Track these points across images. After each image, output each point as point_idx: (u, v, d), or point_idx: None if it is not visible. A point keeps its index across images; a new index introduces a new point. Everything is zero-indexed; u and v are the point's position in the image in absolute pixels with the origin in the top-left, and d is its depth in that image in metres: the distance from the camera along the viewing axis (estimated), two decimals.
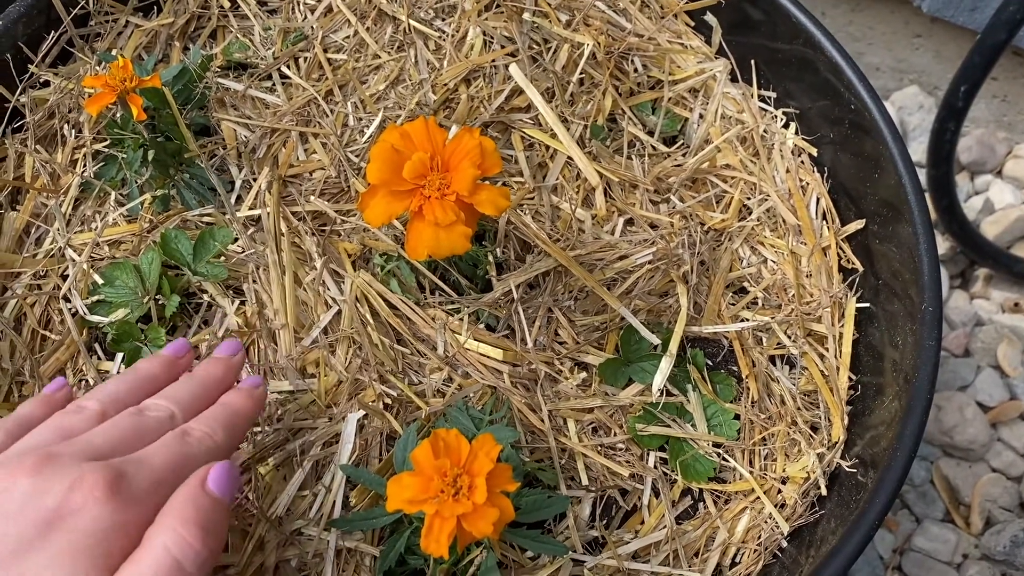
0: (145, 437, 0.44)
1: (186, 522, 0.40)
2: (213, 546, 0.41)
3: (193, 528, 0.40)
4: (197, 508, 0.41)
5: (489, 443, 0.46)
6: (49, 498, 0.39)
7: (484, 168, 0.51)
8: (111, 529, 0.39)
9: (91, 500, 0.39)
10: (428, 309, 0.62)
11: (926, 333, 0.58)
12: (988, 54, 0.93)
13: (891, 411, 0.59)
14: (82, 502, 0.39)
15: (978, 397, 1.05)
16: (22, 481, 0.39)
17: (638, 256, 0.65)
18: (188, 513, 0.41)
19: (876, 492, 0.53)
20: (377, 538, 0.55)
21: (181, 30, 0.75)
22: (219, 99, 0.71)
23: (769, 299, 0.67)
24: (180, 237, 0.63)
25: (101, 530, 0.39)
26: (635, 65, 0.76)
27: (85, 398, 0.47)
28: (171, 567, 0.39)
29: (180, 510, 0.41)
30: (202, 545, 0.40)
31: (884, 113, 0.65)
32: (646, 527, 0.58)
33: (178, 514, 0.40)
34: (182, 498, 0.41)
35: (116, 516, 0.39)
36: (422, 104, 0.70)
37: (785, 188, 0.71)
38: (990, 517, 0.98)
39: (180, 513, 0.40)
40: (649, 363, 0.61)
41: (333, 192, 0.67)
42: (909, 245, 0.62)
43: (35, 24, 0.70)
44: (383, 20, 0.75)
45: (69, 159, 0.68)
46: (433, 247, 0.50)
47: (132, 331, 0.61)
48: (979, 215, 1.17)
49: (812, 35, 0.70)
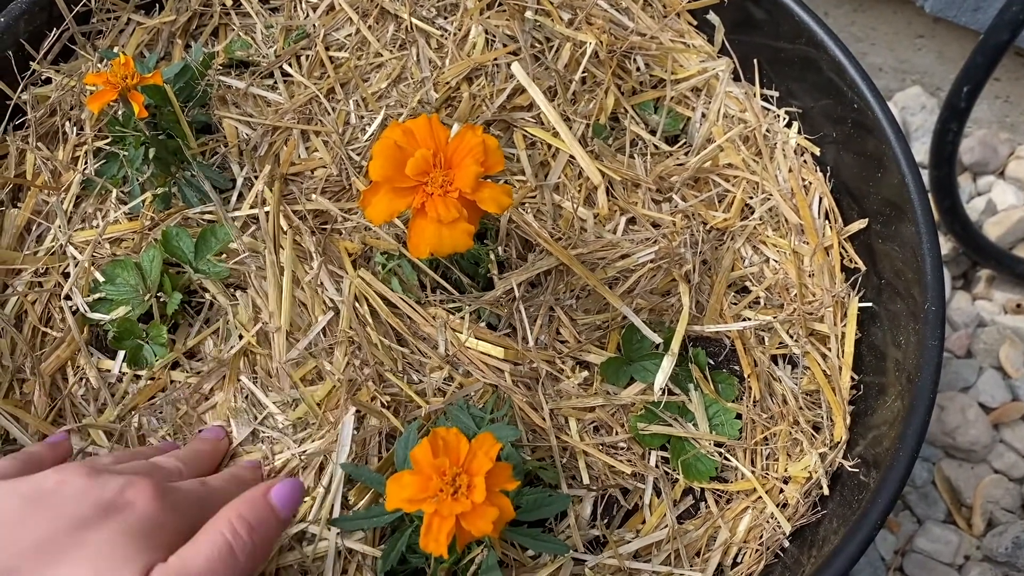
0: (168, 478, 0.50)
1: (242, 518, 0.45)
2: (262, 547, 0.46)
3: (248, 524, 0.45)
4: (255, 510, 0.46)
5: (488, 442, 0.46)
6: (106, 492, 0.44)
7: (487, 166, 0.50)
8: (159, 524, 0.44)
9: (142, 497, 0.45)
10: (429, 308, 0.62)
11: (929, 333, 0.57)
12: (991, 54, 0.93)
13: (894, 411, 0.58)
14: (134, 497, 0.45)
15: (980, 398, 1.04)
16: (78, 480, 0.45)
17: (640, 255, 0.65)
18: (245, 511, 0.46)
19: (878, 492, 0.53)
20: (378, 538, 0.55)
21: (183, 28, 0.75)
22: (221, 97, 0.71)
23: (771, 298, 0.67)
24: (182, 235, 0.63)
25: (150, 521, 0.44)
26: (637, 64, 0.76)
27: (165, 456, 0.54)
28: (225, 551, 0.44)
29: (239, 507, 0.46)
30: (252, 540, 0.45)
31: (887, 113, 0.65)
32: (647, 526, 0.58)
33: (237, 510, 0.46)
34: (244, 499, 0.47)
35: (162, 516, 0.45)
36: (424, 102, 0.70)
37: (788, 187, 0.71)
38: (992, 518, 0.97)
39: (239, 510, 0.46)
40: (651, 362, 0.61)
41: (335, 190, 0.67)
42: (912, 245, 0.62)
43: (37, 21, 0.70)
44: (385, 18, 0.75)
45: (70, 156, 0.68)
46: (435, 244, 0.50)
47: (133, 329, 0.60)
48: (981, 216, 1.17)
49: (815, 34, 0.69)
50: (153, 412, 0.59)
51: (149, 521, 0.44)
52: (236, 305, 0.61)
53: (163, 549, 0.44)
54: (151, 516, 0.44)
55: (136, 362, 0.60)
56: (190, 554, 0.44)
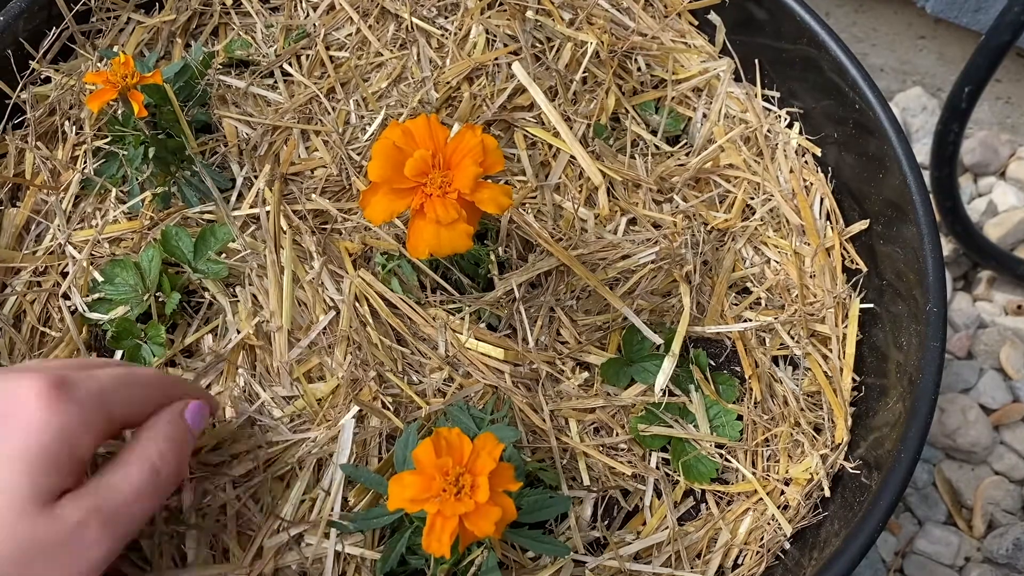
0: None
1: (168, 440, 0.46)
2: (182, 465, 0.47)
3: (172, 445, 0.46)
4: (178, 432, 0.47)
5: (491, 442, 0.46)
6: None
7: (486, 166, 0.50)
8: (58, 433, 0.41)
9: (31, 401, 0.40)
10: (429, 308, 0.62)
11: (931, 334, 0.57)
12: (992, 55, 0.93)
13: (895, 413, 0.58)
14: (22, 400, 0.40)
15: (981, 400, 1.04)
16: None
17: (641, 256, 0.65)
18: (169, 433, 0.46)
19: (880, 494, 0.53)
20: (377, 539, 0.55)
21: (183, 27, 0.75)
22: (220, 96, 0.71)
23: (772, 299, 0.67)
24: (181, 234, 0.63)
25: (45, 431, 0.40)
26: (638, 64, 0.76)
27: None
28: (152, 473, 0.44)
29: (163, 430, 0.46)
30: (175, 461, 0.46)
31: (889, 113, 0.65)
32: (648, 528, 0.58)
33: (160, 433, 0.46)
34: (164, 422, 0.47)
35: (62, 420, 0.41)
36: (424, 102, 0.69)
37: (789, 188, 0.71)
38: (992, 520, 0.97)
39: (162, 433, 0.46)
40: (651, 363, 0.61)
41: (334, 190, 0.66)
42: (914, 246, 0.62)
43: (36, 20, 0.70)
44: (385, 18, 0.75)
45: (70, 156, 0.68)
46: (434, 245, 0.50)
47: (132, 329, 0.60)
48: (982, 217, 1.17)
49: (817, 35, 0.69)
50: None
51: (42, 431, 0.39)
52: (236, 303, 0.61)
53: (68, 467, 0.40)
54: (45, 424, 0.40)
55: (135, 360, 0.60)
56: (116, 482, 0.42)
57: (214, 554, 0.55)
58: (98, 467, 0.45)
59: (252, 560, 0.54)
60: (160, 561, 0.54)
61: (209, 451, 0.57)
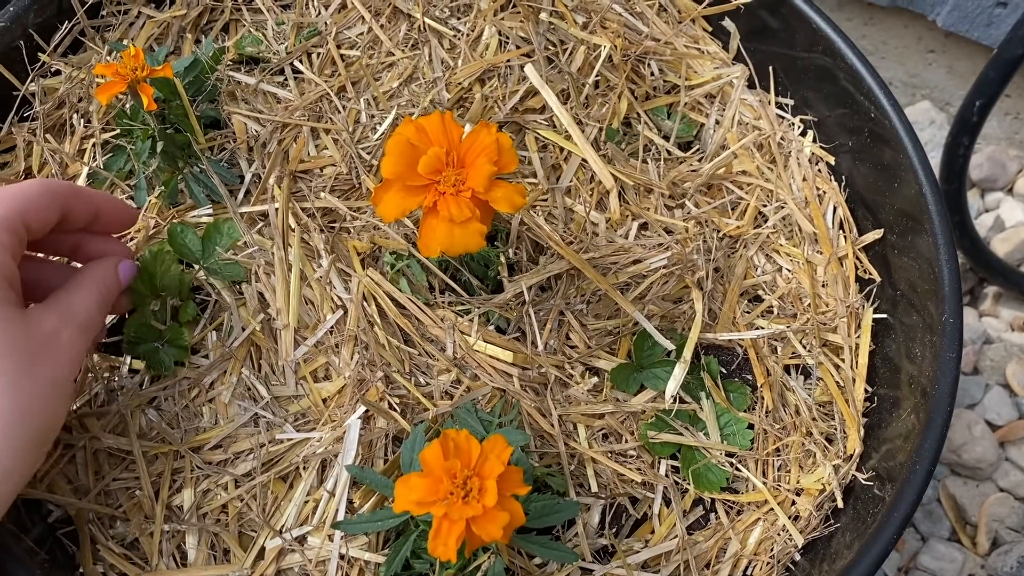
0: None
1: (107, 281, 0.54)
2: (107, 309, 0.54)
3: (109, 286, 0.54)
4: (111, 277, 0.55)
5: (500, 445, 0.45)
6: None
7: (500, 165, 0.50)
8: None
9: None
10: (437, 309, 0.61)
11: (946, 345, 0.56)
12: (1005, 68, 0.93)
13: (908, 424, 0.57)
14: None
15: (987, 415, 1.04)
16: None
17: (652, 261, 0.64)
18: (108, 277, 0.54)
19: (895, 506, 0.52)
20: (382, 543, 0.54)
21: (193, 22, 0.74)
22: (230, 92, 0.70)
23: (784, 308, 0.66)
24: (187, 231, 0.62)
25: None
26: (651, 69, 0.75)
27: None
28: (100, 297, 0.52)
29: (105, 272, 0.54)
30: (110, 299, 0.54)
31: (906, 123, 0.64)
32: (656, 536, 0.57)
33: (104, 272, 0.54)
34: (104, 268, 0.54)
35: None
36: (436, 102, 0.69)
37: (802, 196, 0.70)
38: (997, 537, 0.96)
39: (105, 273, 0.54)
40: (662, 369, 0.60)
41: (344, 189, 0.66)
42: (929, 256, 0.61)
43: (46, 12, 0.69)
44: (398, 18, 0.75)
45: (77, 149, 0.67)
46: (447, 244, 0.49)
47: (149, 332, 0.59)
48: (989, 232, 1.16)
49: (833, 43, 0.69)
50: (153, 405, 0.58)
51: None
52: (242, 301, 0.60)
53: (5, 274, 0.47)
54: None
55: (155, 367, 0.58)
56: (76, 299, 0.50)
57: (214, 554, 0.54)
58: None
59: (253, 561, 0.53)
60: (160, 560, 0.53)
61: (211, 449, 0.57)
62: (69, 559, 0.54)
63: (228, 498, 0.55)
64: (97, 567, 0.53)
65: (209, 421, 0.57)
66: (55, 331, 0.48)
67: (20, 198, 0.49)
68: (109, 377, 0.59)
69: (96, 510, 0.55)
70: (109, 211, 0.56)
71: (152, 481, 0.55)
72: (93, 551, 0.54)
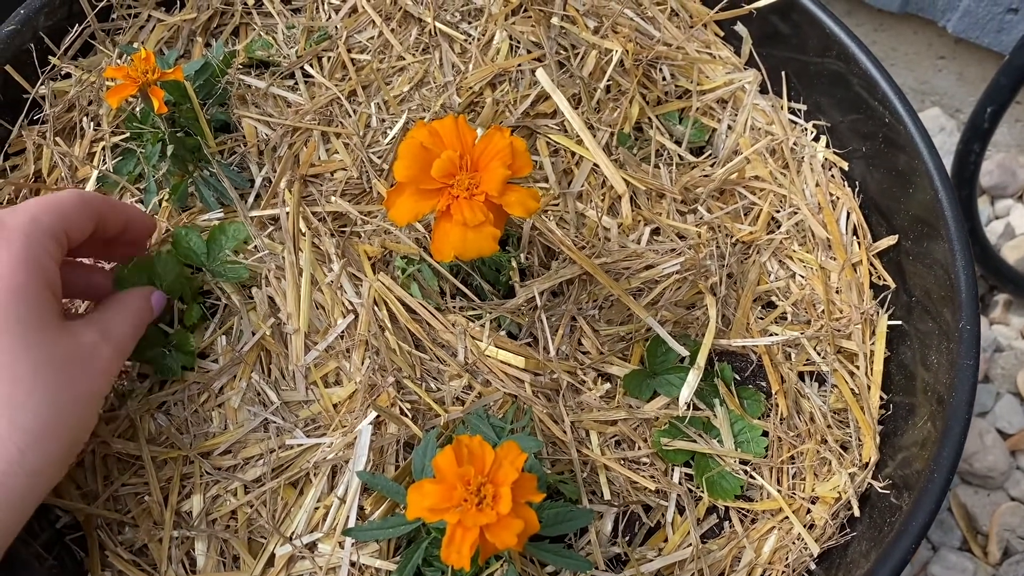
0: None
1: (143, 309, 0.54)
2: (138, 336, 0.54)
3: (144, 314, 0.54)
4: (144, 308, 0.55)
5: (514, 451, 0.45)
6: None
7: (514, 168, 0.49)
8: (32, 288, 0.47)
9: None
10: (448, 315, 0.60)
11: (963, 352, 0.56)
12: (1016, 75, 0.92)
13: (924, 432, 0.57)
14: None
15: (998, 424, 1.03)
16: None
17: (665, 266, 0.63)
18: (142, 306, 0.54)
19: (912, 515, 0.51)
20: (393, 550, 0.53)
21: (203, 26, 0.74)
22: (240, 96, 0.70)
23: (798, 314, 0.66)
24: (191, 235, 0.62)
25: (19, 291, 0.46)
26: (663, 74, 0.75)
27: None
28: (137, 321, 0.54)
29: (139, 300, 0.55)
30: (144, 326, 0.55)
31: (921, 128, 0.64)
32: (670, 545, 0.56)
33: (140, 299, 0.55)
34: (139, 296, 0.55)
35: (32, 265, 0.47)
36: (447, 107, 0.69)
37: (815, 202, 0.70)
38: (1008, 547, 0.95)
39: (141, 298, 0.55)
40: (676, 376, 0.60)
41: (354, 193, 0.65)
42: (944, 263, 0.60)
43: (57, 15, 0.69)
44: (408, 22, 0.74)
45: (87, 152, 0.67)
46: (460, 248, 0.48)
47: (156, 338, 0.58)
48: (999, 240, 1.16)
49: (846, 47, 0.68)
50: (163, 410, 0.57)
51: (25, 256, 0.47)
52: (252, 305, 0.60)
53: (49, 279, 0.47)
54: (24, 251, 0.47)
55: (161, 371, 0.58)
56: (114, 316, 0.51)
57: (224, 561, 0.54)
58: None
59: (263, 568, 0.53)
60: (169, 567, 0.53)
61: (220, 454, 0.56)
62: (77, 565, 0.54)
63: (238, 504, 0.54)
64: (106, 573, 0.53)
65: (219, 426, 0.57)
66: (94, 345, 0.49)
67: (61, 208, 0.50)
68: (118, 382, 0.58)
69: (105, 516, 0.54)
70: (137, 221, 0.57)
71: (161, 487, 0.55)
72: (101, 557, 0.53)
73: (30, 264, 0.47)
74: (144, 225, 0.58)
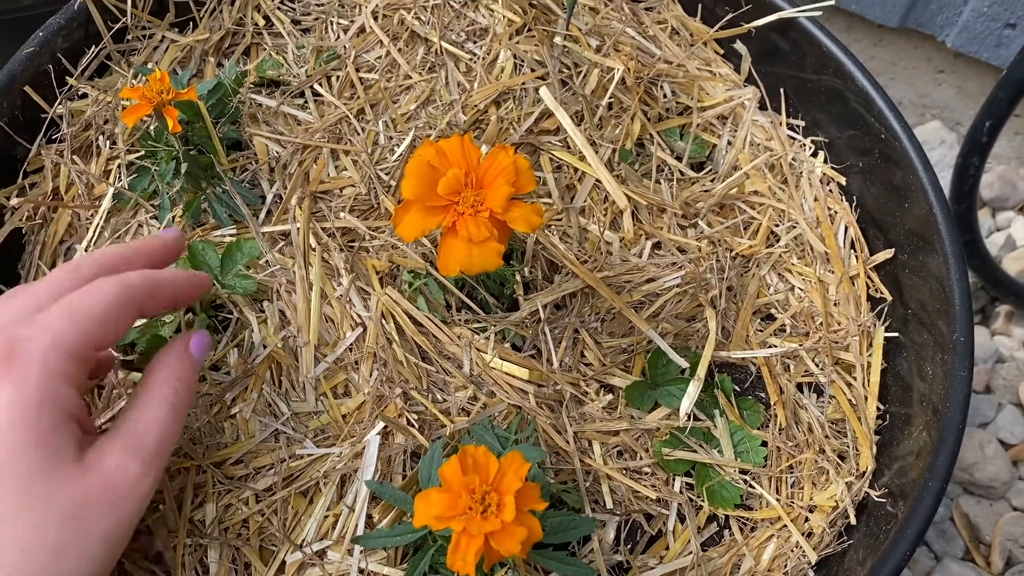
0: (60, 292, 0.46)
1: (179, 378, 0.48)
2: (192, 394, 0.50)
3: (183, 382, 0.48)
4: (184, 366, 0.49)
5: (518, 461, 0.46)
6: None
7: (518, 186, 0.51)
8: (55, 387, 0.42)
9: (22, 365, 0.42)
10: (454, 327, 0.62)
11: (958, 363, 0.57)
12: (1014, 89, 0.94)
13: (920, 442, 0.58)
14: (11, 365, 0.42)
15: (999, 434, 1.04)
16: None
17: (666, 279, 0.65)
18: (178, 371, 0.48)
19: (907, 523, 0.52)
20: (400, 557, 0.55)
21: (216, 46, 0.76)
22: (252, 115, 0.72)
23: (797, 326, 0.67)
24: (207, 249, 0.63)
25: (44, 391, 0.42)
26: (664, 91, 0.76)
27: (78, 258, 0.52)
28: (171, 414, 0.47)
29: (172, 368, 0.48)
30: (187, 393, 0.48)
31: (916, 144, 0.65)
32: (671, 553, 0.57)
33: (171, 372, 0.48)
34: (172, 359, 0.49)
35: (21, 392, 0.41)
36: (452, 124, 0.70)
37: (813, 216, 0.71)
38: (1011, 557, 0.96)
39: (172, 371, 0.48)
40: (676, 387, 0.61)
41: (363, 209, 0.67)
42: (939, 276, 0.62)
43: (74, 37, 0.71)
44: (415, 42, 0.76)
45: (103, 170, 0.69)
46: (465, 263, 0.50)
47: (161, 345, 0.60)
48: (1000, 252, 1.17)
49: (843, 65, 0.70)
50: None
51: (11, 407, 0.41)
52: (263, 319, 0.61)
53: (63, 419, 0.42)
54: (12, 402, 0.41)
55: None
56: (141, 422, 0.45)
57: (236, 568, 0.55)
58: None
59: (274, 575, 0.54)
60: (183, 574, 0.54)
61: (232, 464, 0.58)
62: None
63: (249, 513, 0.56)
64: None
65: (231, 437, 0.58)
66: (119, 470, 0.44)
67: (90, 318, 0.44)
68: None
69: None
70: (187, 290, 0.52)
71: (175, 496, 0.56)
72: (118, 564, 0.55)
73: (46, 401, 0.42)
74: (196, 290, 0.53)
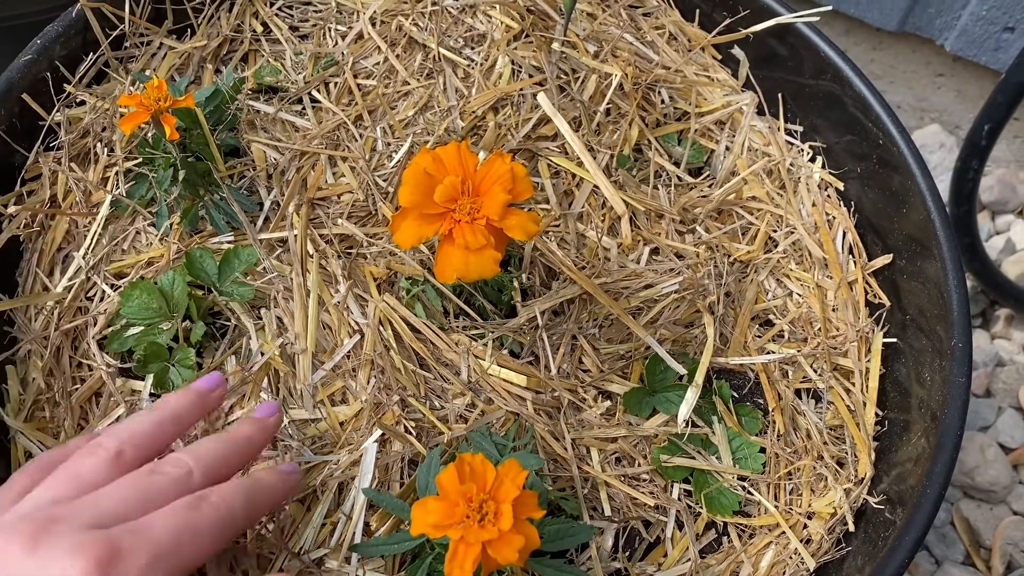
0: (156, 499, 0.43)
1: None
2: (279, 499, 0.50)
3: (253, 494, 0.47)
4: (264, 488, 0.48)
5: (515, 469, 0.46)
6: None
7: (515, 193, 0.51)
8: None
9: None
10: (452, 334, 0.62)
11: (956, 369, 0.57)
12: (1013, 93, 0.93)
13: (918, 448, 0.58)
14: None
15: (1000, 438, 1.03)
16: (15, 551, 0.38)
17: (664, 285, 0.65)
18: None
19: (906, 529, 0.52)
20: (398, 565, 0.55)
21: (213, 53, 0.76)
22: (250, 121, 0.72)
23: (795, 332, 0.67)
24: (205, 256, 0.63)
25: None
26: (662, 96, 0.76)
27: (104, 434, 0.46)
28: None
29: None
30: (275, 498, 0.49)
31: (913, 149, 0.65)
32: (669, 560, 0.57)
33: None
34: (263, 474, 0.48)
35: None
36: (450, 130, 0.70)
37: (811, 221, 0.71)
38: (1011, 561, 0.96)
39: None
40: (674, 393, 0.61)
41: (360, 215, 0.67)
42: (937, 281, 0.62)
43: (72, 44, 0.71)
44: (413, 48, 0.76)
45: (100, 177, 0.69)
46: (462, 271, 0.50)
47: (160, 352, 0.60)
48: (1000, 255, 1.17)
49: (841, 70, 0.70)
50: None
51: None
52: (261, 326, 0.61)
53: None
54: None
55: (163, 385, 0.60)
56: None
57: None
58: None
59: None
60: None
61: None
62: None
63: None
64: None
65: None
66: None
67: (189, 531, 0.42)
68: (132, 400, 0.60)
69: None
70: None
71: None
72: None
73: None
74: (265, 437, 0.51)
